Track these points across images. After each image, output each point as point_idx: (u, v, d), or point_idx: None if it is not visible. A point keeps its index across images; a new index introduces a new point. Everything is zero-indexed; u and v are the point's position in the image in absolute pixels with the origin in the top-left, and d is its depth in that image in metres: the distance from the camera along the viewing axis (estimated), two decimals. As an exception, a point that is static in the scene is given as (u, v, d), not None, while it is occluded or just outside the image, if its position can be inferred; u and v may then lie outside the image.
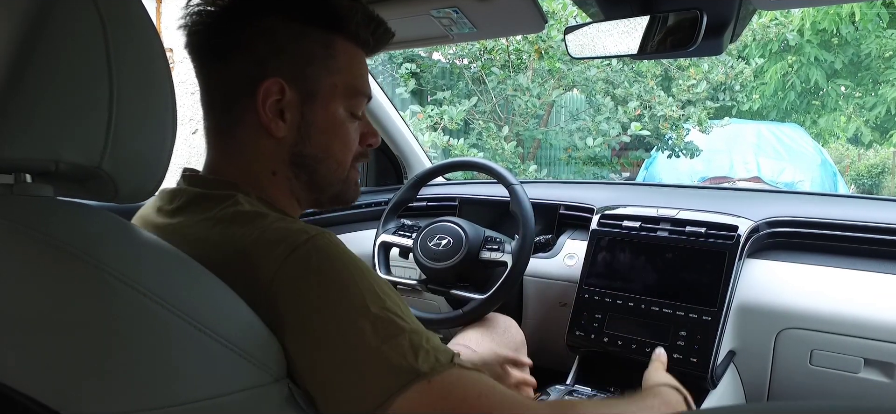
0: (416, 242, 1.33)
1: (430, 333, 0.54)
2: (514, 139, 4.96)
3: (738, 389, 1.23)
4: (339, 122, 0.68)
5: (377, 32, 0.70)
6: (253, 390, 0.48)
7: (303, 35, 0.65)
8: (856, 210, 1.26)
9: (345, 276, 0.53)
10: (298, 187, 0.68)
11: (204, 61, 0.66)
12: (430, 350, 0.52)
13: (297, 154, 0.66)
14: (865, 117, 8.71)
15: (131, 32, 0.48)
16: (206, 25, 0.64)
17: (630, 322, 1.21)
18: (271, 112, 0.63)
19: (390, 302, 0.54)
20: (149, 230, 0.62)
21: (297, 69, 0.64)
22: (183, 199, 0.63)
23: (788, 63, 8.86)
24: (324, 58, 0.65)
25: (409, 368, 0.50)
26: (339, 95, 0.67)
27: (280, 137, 0.64)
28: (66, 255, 0.42)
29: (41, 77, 0.43)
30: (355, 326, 0.51)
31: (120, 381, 0.42)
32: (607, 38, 1.09)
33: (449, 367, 0.52)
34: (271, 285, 0.52)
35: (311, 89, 0.65)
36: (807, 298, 1.15)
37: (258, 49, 0.63)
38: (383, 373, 0.50)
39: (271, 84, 0.63)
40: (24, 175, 0.48)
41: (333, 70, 0.66)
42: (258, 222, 0.57)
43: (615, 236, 1.31)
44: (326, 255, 0.54)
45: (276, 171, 0.66)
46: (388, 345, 0.51)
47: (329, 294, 0.52)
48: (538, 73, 4.97)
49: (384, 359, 0.50)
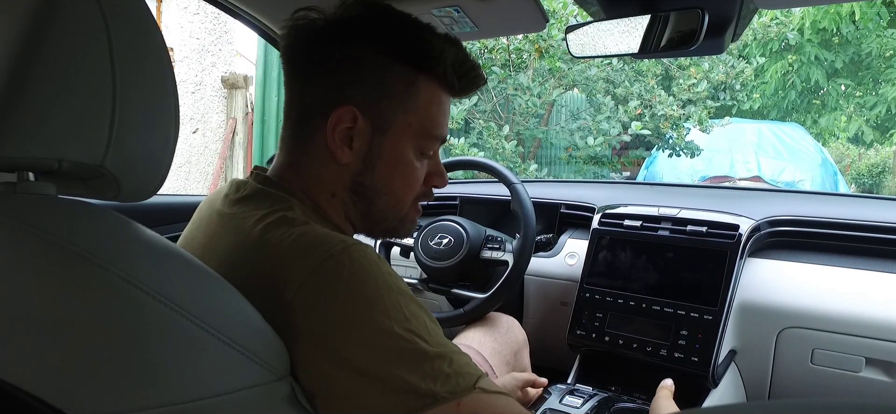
0: (417, 242, 1.33)
1: (457, 355, 0.54)
2: (515, 138, 4.97)
3: (740, 389, 1.23)
4: (405, 159, 0.67)
5: (467, 77, 0.68)
6: (256, 389, 0.48)
7: (386, 68, 0.64)
8: (857, 209, 1.26)
9: (372, 290, 0.52)
10: (354, 214, 0.69)
11: (292, 73, 0.68)
12: (452, 374, 0.51)
13: (359, 183, 0.66)
14: (866, 116, 8.71)
15: (134, 31, 0.48)
16: (302, 40, 0.66)
17: (631, 321, 1.21)
18: (340, 138, 0.64)
19: (416, 322, 0.53)
20: (213, 216, 0.65)
21: (374, 101, 0.64)
22: (246, 191, 0.64)
23: (789, 62, 8.86)
24: (403, 95, 0.65)
25: (427, 392, 0.50)
26: (411, 134, 0.66)
27: (344, 163, 0.65)
28: (69, 253, 0.42)
29: (44, 76, 0.43)
30: (376, 344, 0.50)
31: (124, 379, 0.42)
32: (608, 37, 1.09)
33: (469, 392, 0.51)
34: (299, 290, 0.52)
35: (384, 123, 0.65)
36: (808, 298, 1.15)
37: (341, 75, 0.64)
38: (401, 395, 0.49)
39: (345, 111, 0.63)
40: (26, 173, 0.48)
41: (410, 109, 0.66)
42: (298, 227, 0.57)
43: (616, 235, 1.31)
44: (360, 266, 0.53)
45: (335, 194, 0.67)
46: (407, 367, 0.50)
47: (354, 307, 0.52)
48: (539, 73, 4.98)
49: (403, 381, 0.50)
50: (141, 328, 0.43)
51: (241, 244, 0.57)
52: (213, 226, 0.63)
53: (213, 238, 0.62)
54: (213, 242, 0.62)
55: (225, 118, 4.82)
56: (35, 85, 0.43)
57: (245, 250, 0.57)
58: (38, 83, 0.43)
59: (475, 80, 0.69)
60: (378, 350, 0.50)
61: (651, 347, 1.17)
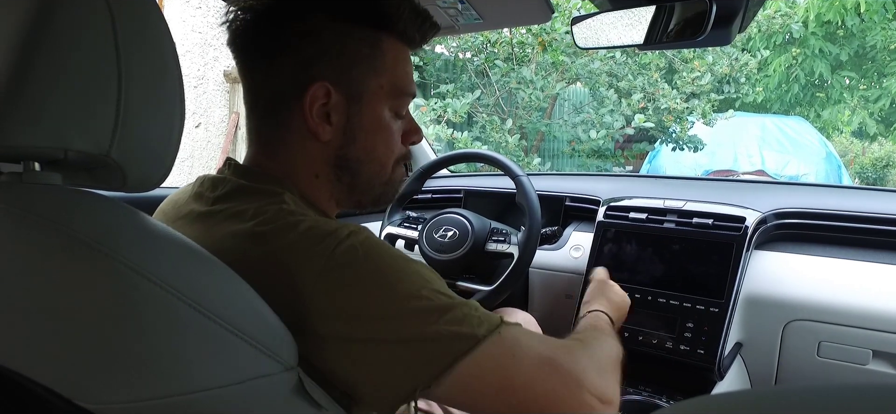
0: (422, 234, 1.33)
1: (476, 304, 0.57)
2: (518, 132, 4.95)
3: (745, 381, 1.22)
4: (384, 123, 0.67)
5: (423, 27, 0.68)
6: (264, 379, 0.48)
7: (348, 35, 0.63)
8: (864, 201, 1.25)
9: (389, 264, 0.55)
10: (340, 190, 0.68)
11: (247, 61, 0.65)
12: (483, 317, 0.55)
13: (342, 157, 0.66)
14: (870, 110, 8.67)
15: (139, 20, 0.48)
16: (250, 24, 0.64)
17: (637, 314, 1.20)
18: (318, 116, 0.63)
19: (438, 282, 0.56)
20: (185, 217, 0.62)
21: (343, 71, 0.63)
22: (227, 188, 0.62)
23: (793, 55, 8.81)
24: (370, 58, 0.64)
25: (468, 334, 0.53)
26: (384, 96, 0.66)
27: (326, 141, 0.64)
28: (77, 243, 0.42)
29: (50, 66, 0.43)
30: (408, 310, 0.53)
31: (132, 370, 0.42)
32: (613, 29, 1.09)
33: (502, 326, 0.56)
34: (319, 278, 0.52)
35: (357, 91, 0.64)
36: (815, 290, 1.14)
37: (303, 51, 0.62)
38: (445, 345, 0.52)
39: (318, 88, 0.62)
40: (32, 163, 0.48)
41: (380, 70, 0.65)
42: (301, 218, 0.57)
43: (622, 228, 1.31)
44: (370, 246, 0.55)
45: (318, 174, 0.66)
46: (442, 320, 0.53)
47: (376, 283, 0.53)
48: (542, 66, 4.96)
49: (443, 332, 0.52)
50: (147, 317, 0.42)
51: (238, 243, 0.55)
52: (196, 228, 0.60)
53: (199, 240, 0.57)
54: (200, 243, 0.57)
55: (228, 112, 4.82)
56: (40, 74, 0.43)
57: (245, 247, 0.55)
58: (43, 72, 0.43)
59: (431, 28, 0.69)
60: (409, 314, 0.53)
61: (657, 340, 1.16)
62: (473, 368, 0.53)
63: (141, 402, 0.43)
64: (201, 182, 0.66)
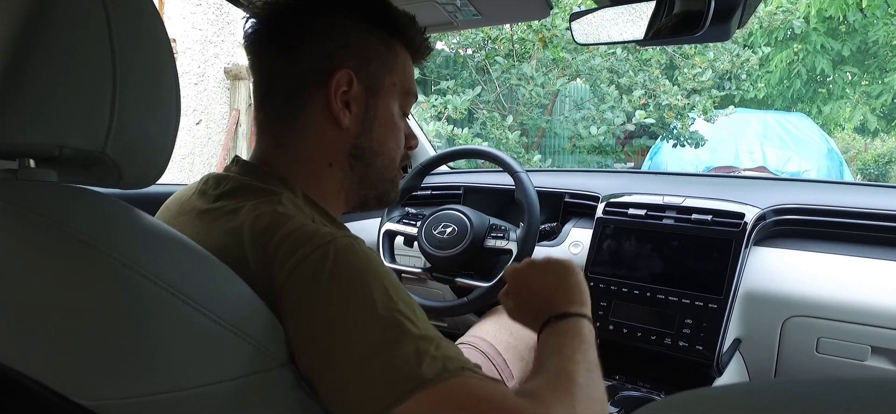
0: (421, 231, 1.33)
1: (443, 341, 0.52)
2: (519, 128, 4.95)
3: (744, 377, 1.22)
4: (394, 120, 0.72)
5: (426, 44, 0.75)
6: (259, 375, 0.48)
7: (368, 33, 0.68)
8: (863, 197, 1.25)
9: (359, 277, 0.52)
10: (351, 181, 0.70)
11: (264, 53, 0.68)
12: (438, 357, 0.49)
13: (357, 146, 0.69)
14: (872, 105, 8.64)
15: (133, 17, 0.48)
16: (274, 18, 0.67)
17: (636, 310, 1.20)
18: (340, 102, 0.66)
19: (403, 305, 0.52)
20: (187, 214, 0.63)
21: (363, 63, 0.67)
22: (229, 186, 0.63)
23: (794, 51, 8.78)
24: (386, 57, 0.69)
25: (411, 374, 0.47)
26: (396, 94, 0.71)
27: (345, 127, 0.67)
28: (70, 239, 0.42)
29: (45, 63, 0.43)
30: (360, 329, 0.49)
31: (125, 365, 0.42)
32: (613, 25, 1.08)
33: (458, 374, 0.49)
34: (286, 282, 0.52)
35: (375, 84, 0.68)
36: (813, 286, 1.14)
37: (329, 41, 0.66)
38: (387, 378, 0.47)
39: (342, 75, 0.65)
40: (27, 160, 0.48)
41: (393, 69, 0.70)
42: (288, 221, 0.56)
43: (621, 224, 1.31)
44: (344, 256, 0.52)
45: (332, 163, 0.69)
46: (393, 349, 0.48)
47: (339, 292, 0.51)
48: (542, 63, 4.95)
49: (388, 363, 0.48)
50: (142, 314, 0.42)
51: (232, 240, 0.55)
52: (196, 225, 0.61)
53: (198, 237, 0.58)
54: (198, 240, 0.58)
55: (228, 109, 4.81)
56: (35, 71, 0.43)
57: (237, 245, 0.55)
58: (39, 69, 0.43)
59: (428, 49, 0.76)
60: (362, 335, 0.49)
61: (656, 336, 1.16)
62: (407, 412, 0.46)
63: (137, 398, 0.43)
64: (206, 179, 0.67)
